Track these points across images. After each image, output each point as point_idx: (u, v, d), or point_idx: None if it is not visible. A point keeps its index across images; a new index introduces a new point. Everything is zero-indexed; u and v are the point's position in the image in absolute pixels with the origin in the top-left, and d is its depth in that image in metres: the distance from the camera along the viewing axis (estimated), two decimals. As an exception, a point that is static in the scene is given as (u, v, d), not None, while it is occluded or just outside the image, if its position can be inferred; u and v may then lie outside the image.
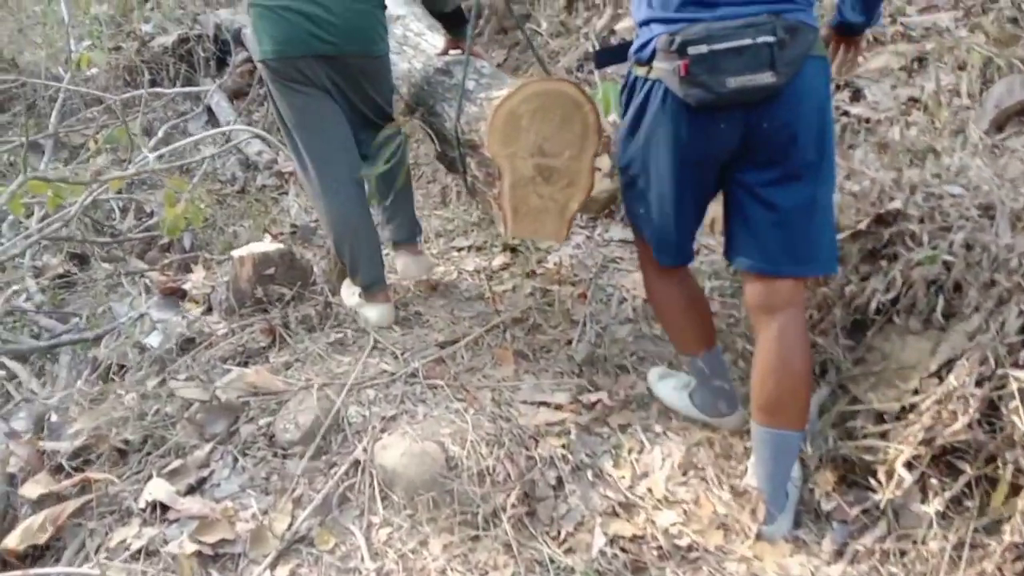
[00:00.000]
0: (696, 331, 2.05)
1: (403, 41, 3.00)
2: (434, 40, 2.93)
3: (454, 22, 2.65)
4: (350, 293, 2.73)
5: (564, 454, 2.06)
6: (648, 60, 1.73)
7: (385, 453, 2.00)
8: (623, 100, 1.88)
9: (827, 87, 1.73)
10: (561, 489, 1.99)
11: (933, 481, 1.72)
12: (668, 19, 1.69)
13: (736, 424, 2.10)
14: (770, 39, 1.58)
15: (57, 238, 3.56)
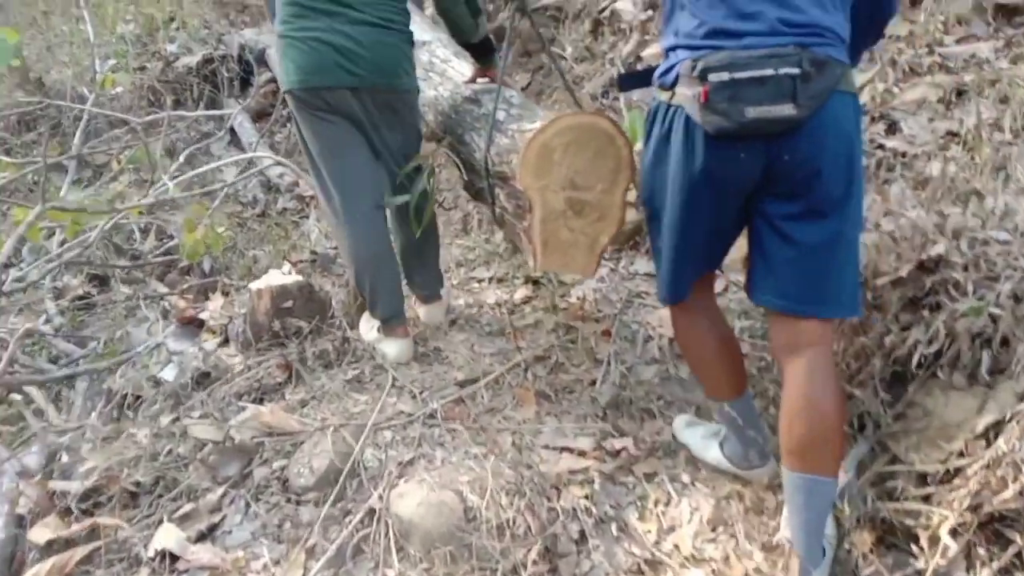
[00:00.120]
0: (727, 375, 1.97)
1: (429, 67, 2.96)
2: (461, 67, 2.89)
3: (482, 51, 2.63)
4: (369, 328, 2.67)
5: (587, 506, 1.98)
6: (671, 85, 1.70)
7: (402, 502, 1.94)
8: (646, 127, 1.83)
9: (857, 123, 1.67)
10: (584, 544, 1.91)
11: (980, 550, 1.62)
12: (694, 46, 1.66)
13: (767, 477, 2.01)
14: (794, 71, 1.54)
15: (77, 262, 3.54)
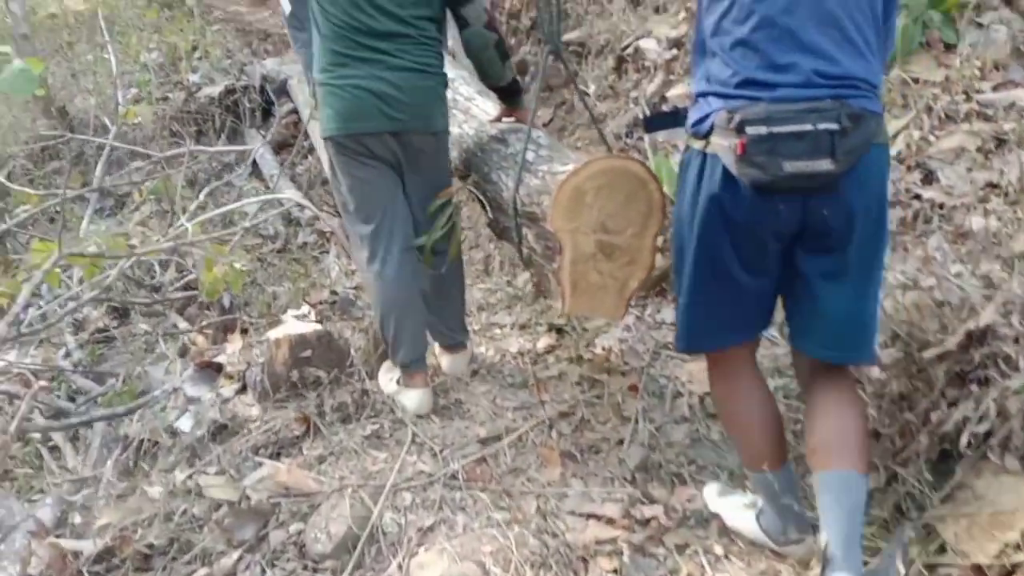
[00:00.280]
0: (769, 444, 1.87)
1: (452, 105, 2.93)
2: (484, 105, 2.87)
3: (509, 93, 2.61)
4: (388, 379, 2.62)
5: (616, 580, 1.90)
6: (706, 134, 1.66)
7: (422, 574, 1.87)
8: (681, 174, 1.78)
9: (887, 174, 1.69)
10: (613, 622, 1.83)
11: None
12: (726, 94, 1.63)
13: (806, 553, 1.91)
14: (832, 126, 1.52)
15: (97, 299, 3.52)
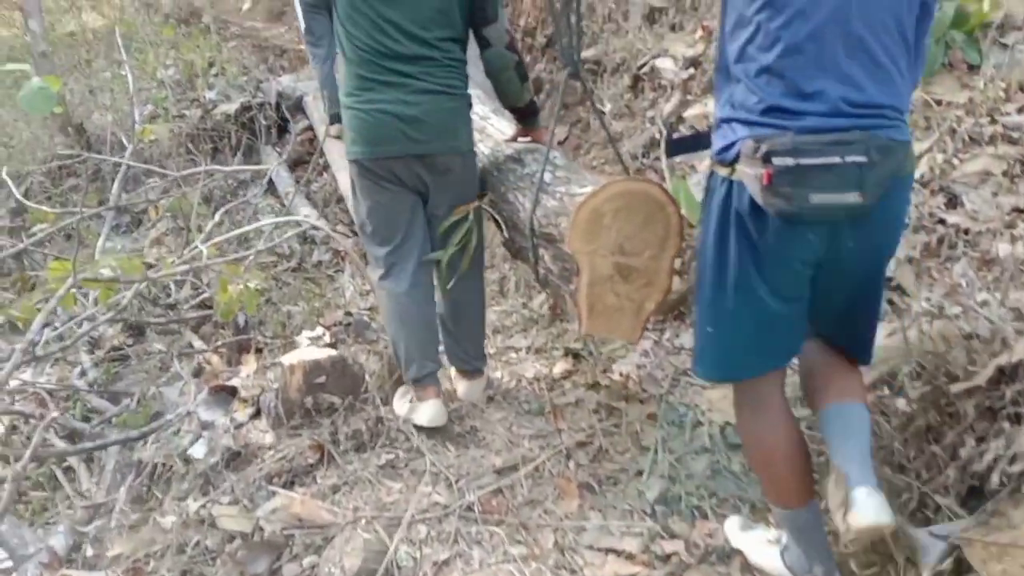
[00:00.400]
0: (797, 482, 1.82)
1: (467, 123, 2.91)
2: (499, 124, 2.86)
3: (527, 114, 2.61)
4: (402, 403, 2.59)
5: (636, 620, 1.86)
6: (731, 162, 1.63)
7: (438, 611, 1.83)
8: (705, 199, 1.75)
9: (909, 204, 1.74)
10: (632, 666, 1.79)
11: None
12: (751, 121, 1.60)
13: (832, 592, 1.86)
14: (861, 159, 1.49)
15: (112, 319, 3.52)
